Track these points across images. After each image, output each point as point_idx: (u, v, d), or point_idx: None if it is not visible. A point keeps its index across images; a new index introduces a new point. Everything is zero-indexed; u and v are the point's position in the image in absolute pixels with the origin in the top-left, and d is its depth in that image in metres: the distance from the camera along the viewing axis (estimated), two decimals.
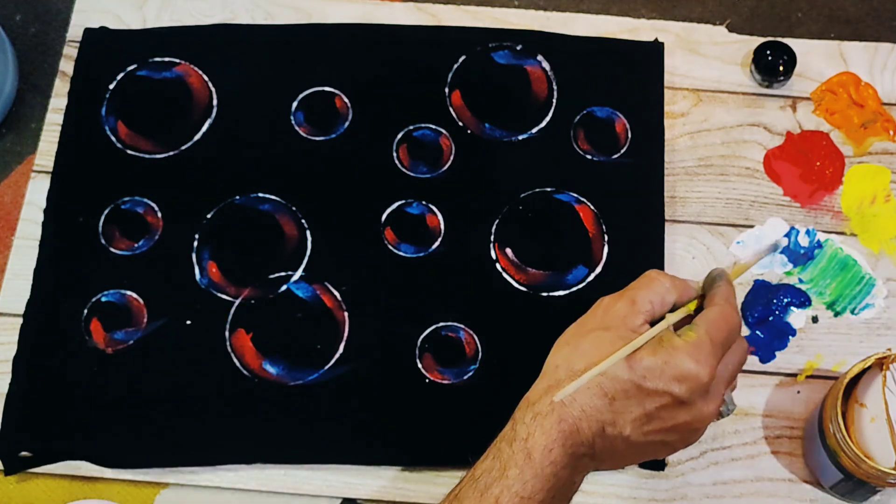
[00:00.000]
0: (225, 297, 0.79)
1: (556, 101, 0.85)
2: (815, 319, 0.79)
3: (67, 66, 0.87)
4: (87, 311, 0.79)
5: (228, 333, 0.78)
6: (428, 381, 0.77)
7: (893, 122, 0.85)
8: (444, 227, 0.81)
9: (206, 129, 0.84)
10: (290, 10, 0.89)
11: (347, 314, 0.79)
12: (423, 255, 0.81)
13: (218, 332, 0.78)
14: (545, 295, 0.79)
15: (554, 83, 0.86)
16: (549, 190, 0.82)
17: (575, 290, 0.79)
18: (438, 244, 0.81)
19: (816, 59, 0.87)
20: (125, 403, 0.76)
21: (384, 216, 0.82)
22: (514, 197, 0.82)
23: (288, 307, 0.79)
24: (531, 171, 0.83)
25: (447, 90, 0.85)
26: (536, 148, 0.84)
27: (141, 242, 0.81)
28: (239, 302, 0.79)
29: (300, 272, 0.80)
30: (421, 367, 0.77)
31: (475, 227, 0.81)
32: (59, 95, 0.86)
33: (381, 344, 0.78)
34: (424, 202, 0.82)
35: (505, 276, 0.80)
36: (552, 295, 0.79)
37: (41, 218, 0.82)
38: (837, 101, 0.85)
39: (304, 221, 0.81)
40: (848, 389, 0.68)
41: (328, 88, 0.86)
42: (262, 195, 0.82)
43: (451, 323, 0.78)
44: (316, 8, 0.89)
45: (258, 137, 0.84)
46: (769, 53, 0.85)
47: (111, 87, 0.86)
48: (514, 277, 0.80)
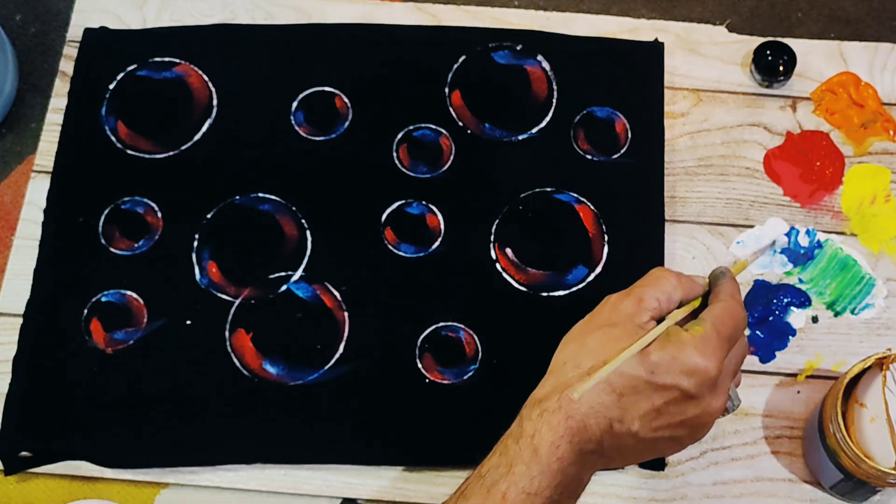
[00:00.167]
0: (225, 297, 0.79)
1: (556, 101, 0.85)
2: (815, 319, 0.79)
3: (67, 66, 0.87)
4: (87, 311, 0.79)
5: (228, 333, 0.78)
6: (428, 381, 0.77)
7: (893, 122, 0.85)
8: (444, 227, 0.81)
9: (206, 129, 0.84)
10: (290, 10, 0.89)
11: (347, 314, 0.79)
12: (423, 255, 0.81)
13: (218, 332, 0.78)
14: (545, 295, 0.79)
15: (554, 83, 0.86)
16: (549, 190, 0.82)
17: (575, 290, 0.79)
18: (438, 244, 0.81)
19: (816, 59, 0.87)
20: (125, 403, 0.76)
21: (384, 216, 0.82)
22: (514, 197, 0.82)
23: (288, 307, 0.79)
24: (531, 171, 0.83)
25: (447, 90, 0.85)
26: (536, 148, 0.84)
27: (141, 242, 0.81)
28: (239, 302, 0.79)
29: (300, 272, 0.80)
30: (421, 367, 0.77)
31: (475, 227, 0.81)
32: (59, 95, 0.86)
33: (381, 344, 0.78)
34: (424, 202, 0.82)
35: (505, 276, 0.80)
36: (552, 295, 0.79)
37: (41, 218, 0.82)
38: (837, 101, 0.85)
39: (304, 221, 0.81)
40: (848, 389, 0.68)
41: (328, 88, 0.86)
42: (262, 195, 0.82)
43: (451, 323, 0.78)
44: (316, 8, 0.89)
45: (258, 137, 0.84)
46: (769, 53, 0.85)
47: (111, 87, 0.86)
48: (514, 277, 0.80)
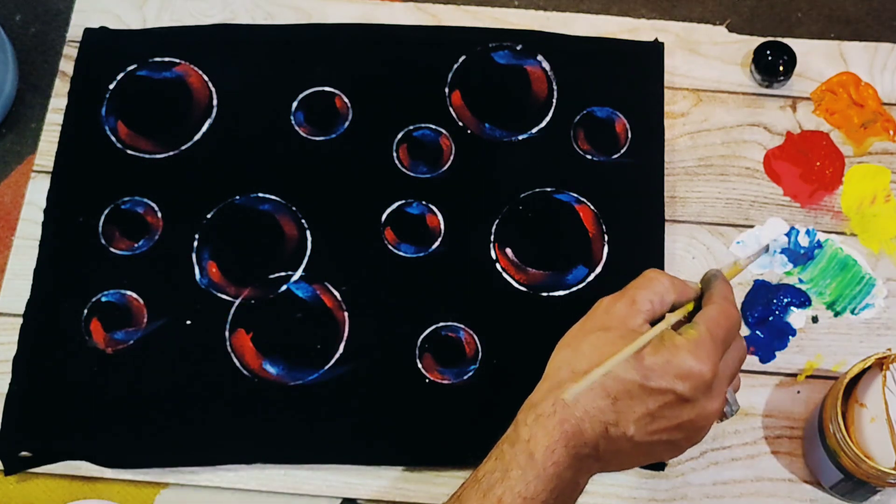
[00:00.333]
0: (225, 297, 0.79)
1: (556, 101, 0.85)
2: (815, 319, 0.79)
3: (67, 66, 0.87)
4: (87, 311, 0.79)
5: (228, 333, 0.78)
6: (428, 381, 0.77)
7: (893, 122, 0.85)
8: (444, 227, 0.81)
9: (206, 129, 0.84)
10: (290, 10, 0.89)
11: (347, 314, 0.79)
12: (423, 255, 0.81)
13: (218, 332, 0.78)
14: (545, 295, 0.79)
15: (554, 83, 0.86)
16: (549, 190, 0.82)
17: (575, 290, 0.79)
18: (438, 244, 0.81)
19: (816, 59, 0.87)
20: (125, 403, 0.76)
21: (384, 216, 0.82)
22: (514, 197, 0.82)
23: (288, 307, 0.79)
24: (531, 171, 0.83)
25: (447, 90, 0.85)
26: (536, 148, 0.84)
27: (141, 242, 0.81)
28: (239, 302, 0.79)
29: (300, 272, 0.80)
30: (421, 367, 0.77)
31: (475, 227, 0.81)
32: (59, 95, 0.86)
33: (381, 344, 0.78)
34: (424, 202, 0.82)
35: (505, 276, 0.80)
36: (552, 295, 0.79)
37: (41, 218, 0.82)
38: (837, 101, 0.85)
39: (304, 221, 0.81)
40: (848, 389, 0.68)
41: (328, 88, 0.86)
42: (262, 195, 0.82)
43: (451, 323, 0.78)
44: (316, 8, 0.89)
45: (258, 138, 0.84)
46: (769, 53, 0.85)
47: (111, 87, 0.86)
48: (514, 277, 0.80)
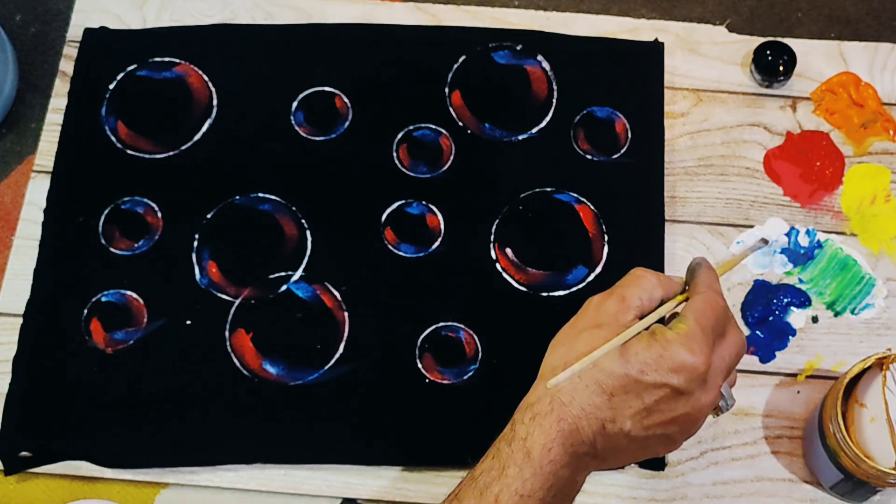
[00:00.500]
0: (225, 297, 0.79)
1: (556, 101, 0.85)
2: (815, 319, 0.79)
3: (67, 66, 0.87)
4: (87, 311, 0.79)
5: (228, 333, 0.78)
6: (428, 381, 0.77)
7: (893, 122, 0.85)
8: (444, 227, 0.81)
9: (206, 129, 0.84)
10: (290, 10, 0.89)
11: (347, 314, 0.79)
12: (423, 255, 0.81)
13: (218, 332, 0.78)
14: (545, 295, 0.79)
15: (554, 83, 0.86)
16: (549, 190, 0.82)
17: (575, 290, 0.79)
18: (438, 244, 0.81)
19: (816, 59, 0.87)
20: (125, 403, 0.76)
21: (384, 216, 0.82)
22: (514, 197, 0.82)
23: (288, 307, 0.79)
24: (531, 171, 0.83)
25: (447, 90, 0.85)
26: (536, 148, 0.84)
27: (141, 242, 0.81)
28: (239, 302, 0.79)
29: (300, 272, 0.80)
30: (421, 367, 0.77)
31: (475, 227, 0.81)
32: (59, 95, 0.86)
33: (381, 344, 0.78)
34: (424, 202, 0.82)
35: (505, 276, 0.80)
36: (552, 295, 0.79)
37: (41, 218, 0.82)
38: (837, 101, 0.85)
39: (304, 221, 0.81)
40: (848, 389, 0.68)
41: (328, 88, 0.86)
42: (262, 195, 0.82)
43: (451, 323, 0.78)
44: (316, 8, 0.89)
45: (258, 137, 0.84)
46: (769, 53, 0.85)
47: (111, 87, 0.86)
48: (514, 277, 0.80)
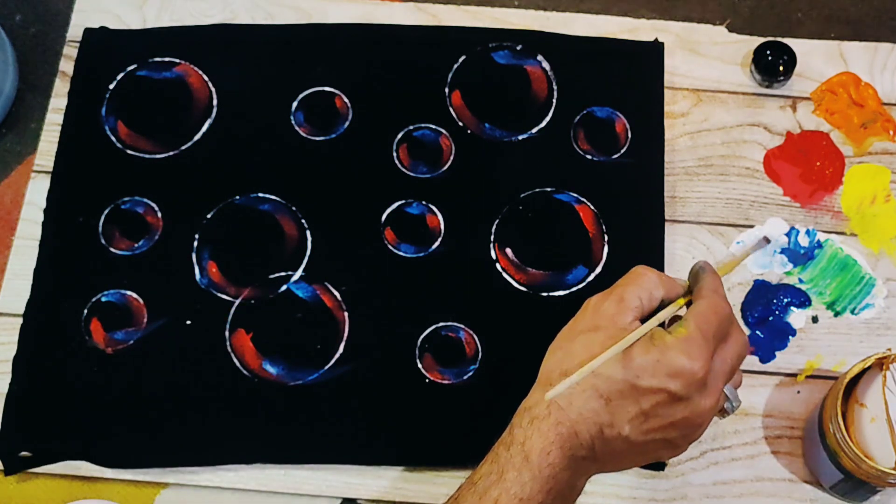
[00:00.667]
0: (225, 297, 0.79)
1: (556, 101, 0.85)
2: (815, 319, 0.79)
3: (67, 66, 0.87)
4: (87, 311, 0.79)
5: (228, 333, 0.78)
6: (428, 381, 0.77)
7: (893, 122, 0.85)
8: (444, 227, 0.81)
9: (206, 129, 0.84)
10: (290, 10, 0.89)
11: (347, 314, 0.79)
12: (423, 255, 0.81)
13: (218, 332, 0.78)
14: (545, 295, 0.79)
15: (554, 83, 0.86)
16: (549, 190, 0.82)
17: (575, 290, 0.79)
18: (438, 244, 0.81)
19: (816, 59, 0.87)
20: (125, 403, 0.76)
21: (384, 216, 0.82)
22: (514, 197, 0.82)
23: (288, 307, 0.79)
24: (531, 171, 0.83)
25: (447, 90, 0.85)
26: (536, 148, 0.84)
27: (141, 242, 0.81)
28: (239, 302, 0.79)
29: (300, 272, 0.80)
30: (421, 367, 0.77)
31: (475, 227, 0.81)
32: (59, 95, 0.86)
33: (381, 344, 0.78)
34: (424, 202, 0.82)
35: (505, 276, 0.80)
36: (552, 295, 0.79)
37: (41, 218, 0.82)
38: (837, 101, 0.85)
39: (304, 221, 0.81)
40: (848, 389, 0.68)
41: (328, 88, 0.86)
42: (262, 195, 0.82)
43: (451, 323, 0.78)
44: (316, 8, 0.89)
45: (258, 137, 0.84)
46: (769, 53, 0.85)
47: (111, 87, 0.86)
48: (514, 277, 0.80)
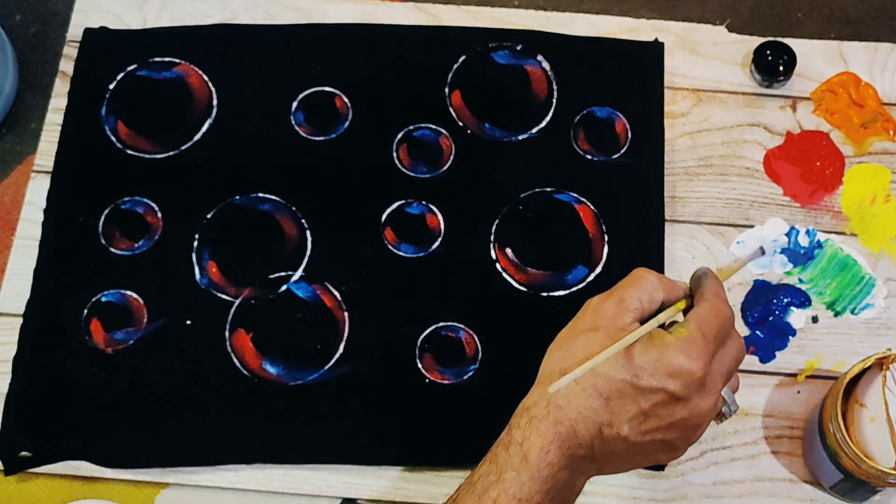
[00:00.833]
0: (225, 297, 0.79)
1: (556, 101, 0.85)
2: (815, 319, 0.79)
3: (67, 66, 0.87)
4: (87, 311, 0.79)
5: (228, 333, 0.78)
6: (428, 381, 0.77)
7: (893, 122, 0.85)
8: (444, 227, 0.81)
9: (206, 129, 0.84)
10: (290, 10, 0.89)
11: (347, 314, 0.79)
12: (423, 255, 0.81)
13: (218, 332, 0.78)
14: (545, 295, 0.79)
15: (554, 83, 0.86)
16: (549, 190, 0.82)
17: (575, 290, 0.79)
18: (438, 244, 0.81)
19: (816, 59, 0.87)
20: (125, 403, 0.76)
21: (384, 216, 0.82)
22: (514, 197, 0.82)
23: (288, 307, 0.79)
24: (531, 171, 0.83)
25: (447, 90, 0.85)
26: (536, 148, 0.84)
27: (141, 242, 0.81)
28: (239, 302, 0.79)
29: (300, 272, 0.80)
30: (421, 367, 0.77)
31: (475, 227, 0.81)
32: (59, 95, 0.86)
33: (381, 344, 0.78)
34: (424, 202, 0.82)
35: (505, 276, 0.80)
36: (552, 295, 0.79)
37: (41, 218, 0.82)
38: (837, 101, 0.85)
39: (304, 221, 0.81)
40: (848, 389, 0.68)
41: (328, 88, 0.86)
42: (262, 195, 0.82)
43: (451, 323, 0.78)
44: (316, 8, 0.89)
45: (258, 137, 0.84)
46: (769, 53, 0.85)
47: (111, 87, 0.86)
48: (514, 277, 0.80)
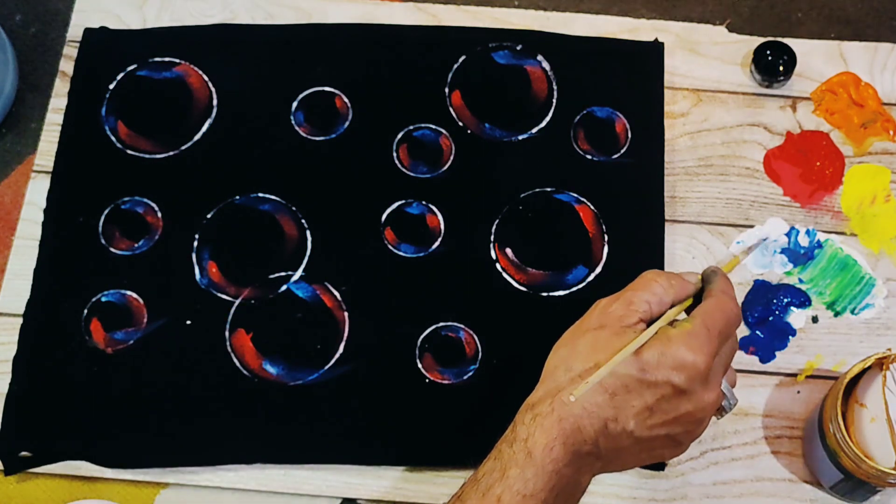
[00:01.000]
0: (225, 297, 0.79)
1: (556, 101, 0.85)
2: (815, 319, 0.79)
3: (67, 66, 0.87)
4: (87, 311, 0.79)
5: (228, 333, 0.78)
6: (428, 381, 0.77)
7: (893, 122, 0.85)
8: (444, 227, 0.81)
9: (206, 129, 0.84)
10: (290, 10, 0.89)
11: (347, 314, 0.79)
12: (423, 255, 0.81)
13: (218, 332, 0.78)
14: (545, 295, 0.79)
15: (554, 83, 0.86)
16: (549, 190, 0.82)
17: (575, 290, 0.79)
18: (438, 244, 0.81)
19: (816, 59, 0.87)
20: (125, 403, 0.76)
21: (384, 216, 0.82)
22: (514, 197, 0.82)
23: (288, 307, 0.79)
24: (531, 171, 0.83)
25: (447, 90, 0.85)
26: (536, 148, 0.84)
27: (141, 242, 0.81)
28: (239, 302, 0.79)
29: (300, 272, 0.80)
30: (421, 367, 0.77)
31: (475, 227, 0.81)
32: (59, 95, 0.86)
33: (381, 344, 0.78)
34: (424, 202, 0.82)
35: (505, 276, 0.80)
36: (552, 295, 0.79)
37: (41, 218, 0.82)
38: (837, 101, 0.85)
39: (304, 221, 0.81)
40: (848, 389, 0.68)
41: (328, 88, 0.86)
42: (262, 195, 0.82)
43: (451, 323, 0.78)
44: (316, 8, 0.89)
45: (258, 137, 0.84)
46: (769, 53, 0.85)
47: (111, 87, 0.86)
48: (514, 277, 0.80)
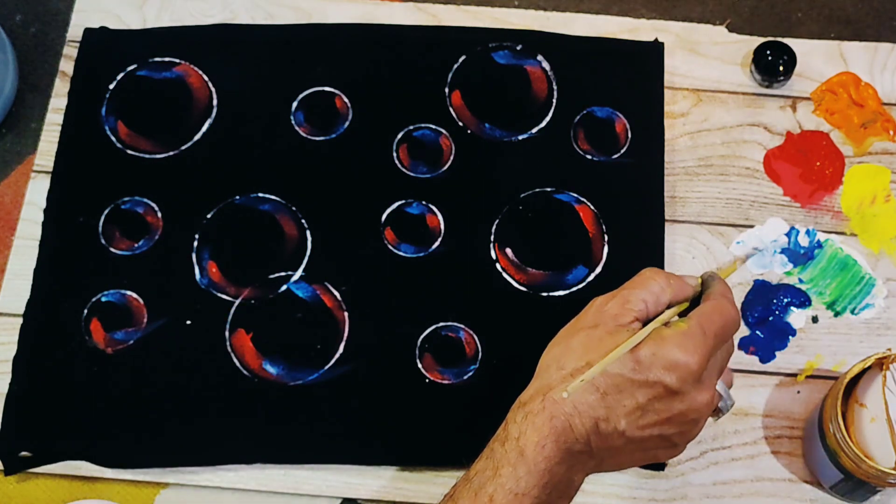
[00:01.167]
0: (225, 297, 0.79)
1: (556, 101, 0.85)
2: (815, 319, 0.79)
3: (67, 66, 0.87)
4: (87, 311, 0.79)
5: (228, 333, 0.78)
6: (428, 381, 0.77)
7: (893, 122, 0.85)
8: (444, 227, 0.81)
9: (206, 129, 0.84)
10: (290, 10, 0.89)
11: (347, 314, 0.79)
12: (423, 255, 0.81)
13: (218, 332, 0.78)
14: (545, 295, 0.79)
15: (554, 83, 0.86)
16: (549, 190, 0.82)
17: (575, 290, 0.79)
18: (438, 244, 0.81)
19: (816, 59, 0.87)
20: (125, 403, 0.76)
21: (384, 216, 0.82)
22: (514, 197, 0.82)
23: (288, 307, 0.79)
24: (531, 171, 0.83)
25: (447, 90, 0.85)
26: (536, 148, 0.84)
27: (141, 242, 0.81)
28: (239, 302, 0.79)
29: (300, 272, 0.80)
30: (421, 367, 0.77)
31: (475, 227, 0.81)
32: (59, 95, 0.86)
33: (381, 344, 0.78)
34: (424, 202, 0.82)
35: (505, 276, 0.80)
36: (552, 295, 0.79)
37: (41, 218, 0.82)
38: (837, 101, 0.85)
39: (304, 221, 0.81)
40: (848, 389, 0.68)
41: (328, 88, 0.86)
42: (262, 195, 0.82)
43: (451, 323, 0.78)
44: (316, 8, 0.89)
45: (258, 137, 0.84)
46: (769, 53, 0.85)
47: (111, 87, 0.86)
48: (514, 277, 0.80)
